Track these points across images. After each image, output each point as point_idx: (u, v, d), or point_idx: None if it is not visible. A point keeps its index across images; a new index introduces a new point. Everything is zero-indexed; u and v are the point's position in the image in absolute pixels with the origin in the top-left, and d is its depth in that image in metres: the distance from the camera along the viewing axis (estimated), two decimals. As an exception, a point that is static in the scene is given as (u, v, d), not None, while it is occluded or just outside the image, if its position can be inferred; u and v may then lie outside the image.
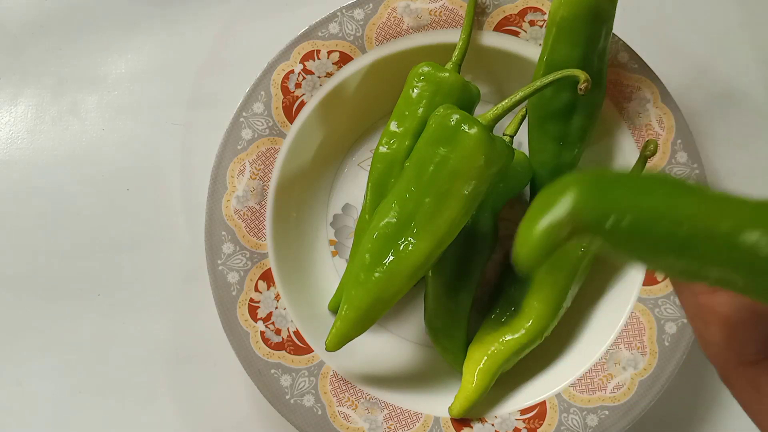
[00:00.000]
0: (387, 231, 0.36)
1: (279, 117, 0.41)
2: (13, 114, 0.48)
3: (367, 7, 0.41)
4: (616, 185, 0.14)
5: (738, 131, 0.46)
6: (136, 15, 0.49)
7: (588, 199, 0.14)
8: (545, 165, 0.41)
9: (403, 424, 0.40)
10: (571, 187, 0.14)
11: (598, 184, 0.14)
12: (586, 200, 0.14)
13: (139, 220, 0.46)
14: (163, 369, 0.45)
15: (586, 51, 0.37)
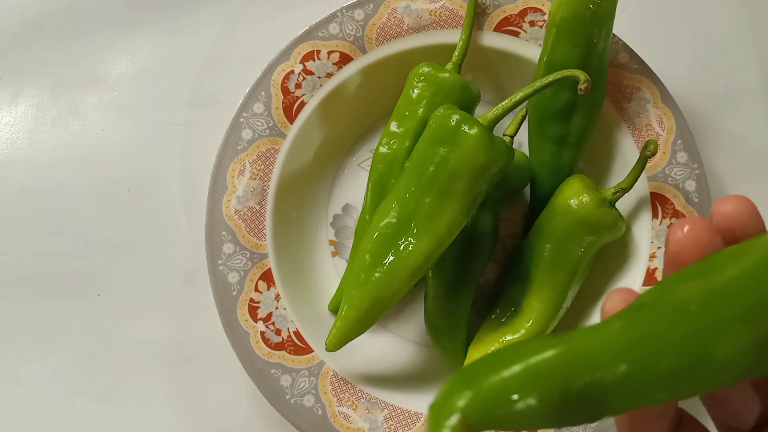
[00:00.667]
0: (387, 231, 0.36)
1: (279, 117, 0.41)
2: (13, 114, 0.48)
3: (368, 8, 0.41)
4: (479, 374, 0.16)
5: (738, 131, 0.46)
6: (136, 15, 0.49)
7: (468, 402, 0.15)
8: (545, 165, 0.41)
9: (403, 424, 0.40)
10: (453, 395, 0.16)
11: (467, 383, 0.16)
12: (468, 404, 0.15)
13: (139, 221, 0.46)
14: (163, 369, 0.45)
15: (586, 51, 0.37)
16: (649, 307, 0.18)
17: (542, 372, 0.16)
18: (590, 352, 0.17)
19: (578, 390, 0.16)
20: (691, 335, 0.17)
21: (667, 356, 0.17)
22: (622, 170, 0.40)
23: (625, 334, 0.17)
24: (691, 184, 0.40)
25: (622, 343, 0.17)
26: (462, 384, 0.16)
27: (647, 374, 0.17)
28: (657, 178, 0.40)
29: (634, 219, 0.41)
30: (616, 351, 0.17)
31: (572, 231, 0.38)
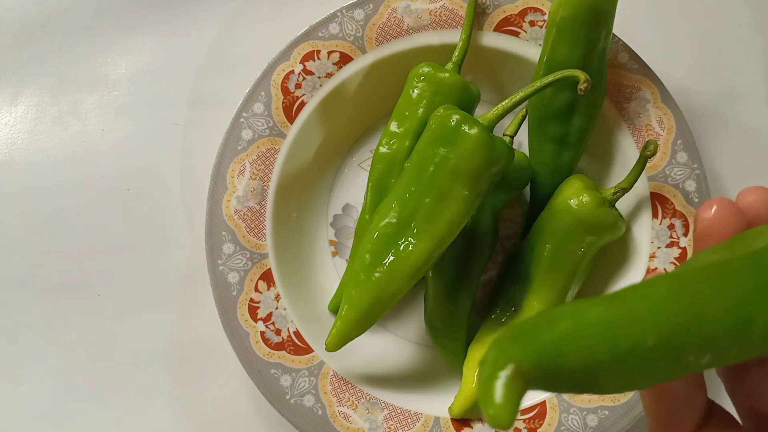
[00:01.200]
0: (387, 231, 0.36)
1: (279, 117, 0.41)
2: (13, 114, 0.48)
3: (368, 8, 0.41)
4: (531, 330, 0.16)
5: (738, 131, 0.46)
6: (137, 15, 0.49)
7: (523, 354, 0.15)
8: (545, 165, 0.41)
9: (403, 424, 0.40)
10: (506, 348, 0.16)
11: (520, 338, 0.16)
12: (522, 356, 0.15)
13: (139, 221, 0.46)
14: (163, 369, 0.45)
15: (586, 51, 0.37)
16: (690, 274, 0.18)
17: (592, 329, 0.16)
18: (637, 312, 0.17)
19: (626, 350, 0.16)
20: (731, 298, 0.17)
21: (710, 318, 0.17)
22: (622, 170, 0.40)
23: (670, 296, 0.17)
24: (691, 184, 0.40)
25: (667, 304, 0.17)
26: (515, 339, 0.16)
27: (692, 336, 0.16)
28: (657, 178, 0.40)
29: (634, 219, 0.41)
30: (661, 312, 0.17)
31: (572, 231, 0.38)
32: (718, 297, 0.17)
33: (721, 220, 0.20)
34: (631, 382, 0.17)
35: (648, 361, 0.16)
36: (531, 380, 0.15)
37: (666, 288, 0.17)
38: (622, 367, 0.16)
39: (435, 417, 0.40)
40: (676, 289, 0.17)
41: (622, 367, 0.16)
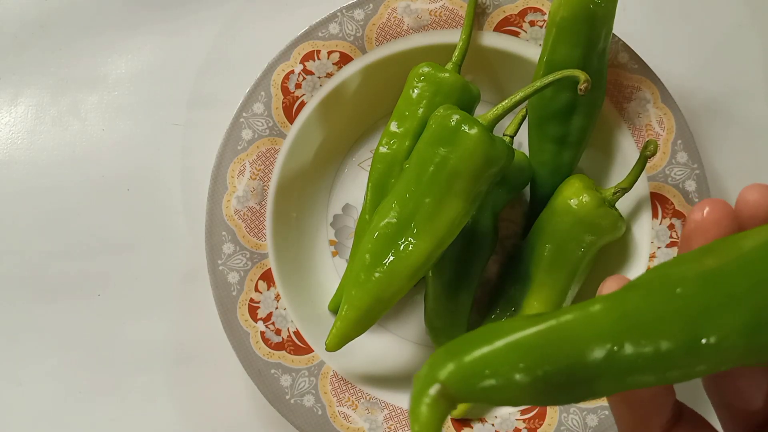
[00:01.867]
0: (387, 231, 0.36)
1: (279, 117, 0.41)
2: (13, 114, 0.48)
3: (367, 8, 0.41)
4: (462, 348, 0.17)
5: (738, 131, 0.46)
6: (137, 15, 0.49)
7: (449, 374, 0.16)
8: (545, 165, 0.41)
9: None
10: (435, 367, 0.16)
11: (450, 356, 0.16)
12: (449, 376, 0.16)
13: (139, 220, 0.46)
14: (163, 369, 0.45)
15: (586, 51, 0.37)
16: (637, 288, 0.18)
17: (524, 349, 0.16)
18: (573, 330, 0.17)
19: (559, 369, 0.16)
20: (677, 317, 0.17)
21: (652, 337, 0.17)
22: (622, 170, 0.40)
23: (609, 314, 0.17)
24: (691, 184, 0.40)
25: (606, 323, 0.17)
26: (445, 357, 0.16)
27: (631, 356, 0.17)
28: (657, 178, 0.40)
29: (634, 219, 0.41)
30: (598, 330, 0.17)
31: (572, 231, 0.38)
32: (663, 316, 0.17)
33: (710, 223, 0.20)
34: (566, 398, 0.17)
35: (583, 381, 0.17)
36: (457, 398, 0.16)
37: (607, 307, 0.17)
38: (555, 386, 0.17)
39: (435, 417, 0.40)
40: (618, 307, 0.17)
41: (554, 385, 0.17)
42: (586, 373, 0.17)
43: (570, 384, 0.17)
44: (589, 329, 0.17)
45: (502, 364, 0.16)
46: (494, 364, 0.16)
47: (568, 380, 0.17)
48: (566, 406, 0.39)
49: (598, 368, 0.17)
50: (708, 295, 0.17)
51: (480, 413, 0.40)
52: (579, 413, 0.39)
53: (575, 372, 0.16)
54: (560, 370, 0.16)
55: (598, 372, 0.17)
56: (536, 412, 0.40)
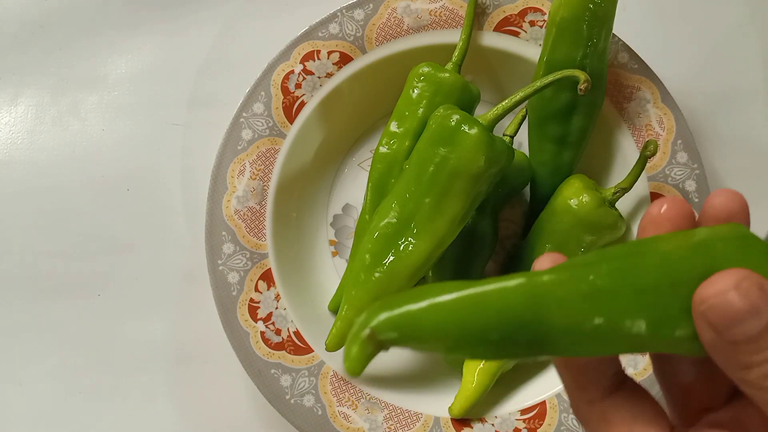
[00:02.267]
0: (387, 231, 0.36)
1: (279, 117, 0.41)
2: (13, 114, 0.48)
3: (367, 8, 0.41)
4: (397, 303, 0.20)
5: (738, 131, 0.46)
6: (137, 15, 0.49)
7: (379, 322, 0.19)
8: (545, 165, 0.41)
9: (403, 424, 0.40)
10: (369, 317, 0.19)
11: (382, 309, 0.20)
12: (378, 324, 0.19)
13: (139, 220, 0.46)
14: (163, 369, 0.45)
15: (586, 51, 0.37)
16: (555, 271, 0.20)
17: (444, 311, 0.19)
18: (488, 299, 0.20)
19: (470, 331, 0.19)
20: (579, 298, 0.20)
21: (550, 320, 0.20)
22: (622, 170, 0.40)
23: (523, 289, 0.20)
24: (691, 184, 0.40)
25: (518, 296, 0.20)
26: (380, 308, 0.20)
27: (534, 328, 0.20)
28: (657, 178, 0.40)
29: (634, 219, 0.41)
30: (510, 303, 0.20)
31: (572, 231, 0.38)
32: (563, 301, 0.20)
33: (665, 219, 0.22)
34: (467, 355, 0.20)
35: (492, 344, 0.20)
36: (383, 344, 0.19)
37: (525, 283, 0.20)
38: (468, 344, 0.20)
39: (435, 417, 0.40)
40: (526, 292, 0.20)
41: (469, 343, 0.20)
42: (493, 337, 0.19)
43: (478, 343, 0.20)
44: (501, 300, 0.20)
45: (423, 321, 0.19)
46: (417, 319, 0.19)
47: (477, 340, 0.19)
48: (566, 405, 0.39)
49: (504, 335, 0.19)
50: (615, 285, 0.20)
51: (480, 413, 0.40)
52: (579, 413, 0.39)
53: (484, 336, 0.19)
54: (471, 333, 0.19)
55: (503, 338, 0.19)
56: (536, 412, 0.40)
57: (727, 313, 0.19)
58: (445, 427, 0.40)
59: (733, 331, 0.19)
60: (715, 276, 0.19)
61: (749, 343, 0.19)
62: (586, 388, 0.23)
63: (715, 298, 0.19)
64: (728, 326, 0.19)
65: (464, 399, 0.39)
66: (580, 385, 0.23)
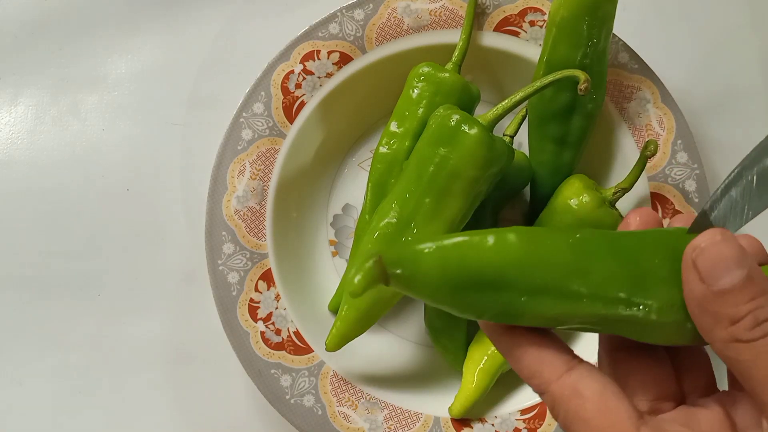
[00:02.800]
0: (387, 231, 0.36)
1: (279, 117, 0.41)
2: (13, 114, 0.48)
3: (367, 8, 0.41)
4: (406, 243, 0.22)
5: (738, 131, 0.46)
6: (137, 15, 0.49)
7: (386, 254, 0.21)
8: (545, 165, 0.41)
9: (403, 424, 0.40)
10: (381, 248, 0.22)
11: (399, 245, 0.22)
12: (385, 255, 0.21)
13: (139, 220, 0.46)
14: (162, 369, 0.45)
15: (586, 51, 0.37)
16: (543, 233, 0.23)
17: (442, 253, 0.21)
18: (479, 248, 0.22)
19: (461, 275, 0.21)
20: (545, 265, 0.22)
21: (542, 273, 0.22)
22: (622, 170, 0.40)
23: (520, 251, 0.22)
24: (691, 184, 0.40)
25: (511, 258, 0.22)
26: (388, 245, 0.23)
27: (512, 281, 0.22)
28: (657, 178, 0.40)
29: (634, 219, 0.41)
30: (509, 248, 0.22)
31: (572, 231, 0.38)
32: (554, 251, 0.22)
33: (637, 226, 0.25)
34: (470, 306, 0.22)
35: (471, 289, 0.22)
36: (387, 277, 0.21)
37: (517, 245, 0.22)
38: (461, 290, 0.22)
39: (435, 417, 0.40)
40: (524, 245, 0.22)
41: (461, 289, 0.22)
42: (487, 278, 0.22)
43: (471, 287, 0.22)
44: (499, 242, 0.22)
45: (425, 260, 0.21)
46: (420, 256, 0.21)
47: (469, 284, 0.22)
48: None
49: (498, 277, 0.22)
50: (575, 258, 0.22)
51: (480, 413, 0.40)
52: (579, 413, 0.39)
53: (475, 280, 0.22)
54: (461, 276, 0.21)
55: (497, 280, 0.22)
56: (536, 412, 0.40)
57: (717, 258, 0.21)
58: (445, 427, 0.40)
59: (721, 280, 0.21)
60: (706, 231, 0.22)
61: (735, 293, 0.21)
62: (546, 361, 0.23)
63: (706, 244, 0.21)
64: (717, 274, 0.21)
65: (464, 399, 0.39)
66: (542, 360, 0.23)
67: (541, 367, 0.23)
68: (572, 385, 0.22)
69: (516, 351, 0.23)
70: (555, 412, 0.23)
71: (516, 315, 0.22)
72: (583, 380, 0.22)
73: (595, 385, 0.22)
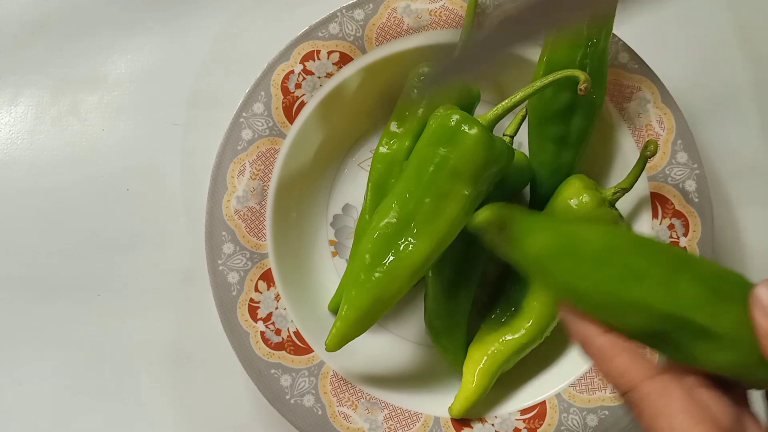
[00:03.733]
0: (387, 231, 0.36)
1: (279, 117, 0.41)
2: (13, 114, 0.48)
3: (367, 8, 0.41)
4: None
5: (738, 131, 0.46)
6: (137, 15, 0.49)
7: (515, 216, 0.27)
8: (545, 165, 0.41)
9: (403, 424, 0.40)
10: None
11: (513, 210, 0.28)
12: (512, 213, 0.27)
13: (139, 220, 0.46)
14: (163, 369, 0.45)
15: (586, 51, 0.37)
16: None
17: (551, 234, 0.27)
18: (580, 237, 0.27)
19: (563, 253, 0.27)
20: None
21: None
22: (622, 170, 0.40)
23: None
24: (691, 184, 0.40)
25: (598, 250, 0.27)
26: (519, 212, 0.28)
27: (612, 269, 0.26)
28: (657, 178, 0.40)
29: (634, 219, 0.41)
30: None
31: (572, 231, 0.38)
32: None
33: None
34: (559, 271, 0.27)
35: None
36: (504, 229, 0.26)
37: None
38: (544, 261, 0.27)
39: (435, 417, 0.40)
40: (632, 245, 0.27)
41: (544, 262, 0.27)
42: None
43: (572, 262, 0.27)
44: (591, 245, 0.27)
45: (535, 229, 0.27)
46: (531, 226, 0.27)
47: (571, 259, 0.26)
48: (566, 405, 0.39)
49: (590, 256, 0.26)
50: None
51: (480, 413, 0.40)
52: (579, 413, 0.39)
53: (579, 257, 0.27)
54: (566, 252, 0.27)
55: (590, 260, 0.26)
56: (536, 412, 0.40)
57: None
58: (445, 427, 0.40)
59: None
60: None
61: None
62: (641, 362, 0.25)
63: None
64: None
65: (464, 399, 0.39)
66: (636, 361, 0.25)
67: (632, 368, 0.25)
68: (662, 384, 0.24)
69: (609, 351, 0.25)
70: (639, 408, 0.25)
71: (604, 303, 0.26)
72: (672, 382, 0.24)
73: (682, 388, 0.24)
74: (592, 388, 0.39)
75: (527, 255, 0.27)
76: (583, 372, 0.40)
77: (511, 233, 0.26)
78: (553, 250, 0.26)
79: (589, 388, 0.39)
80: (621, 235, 0.27)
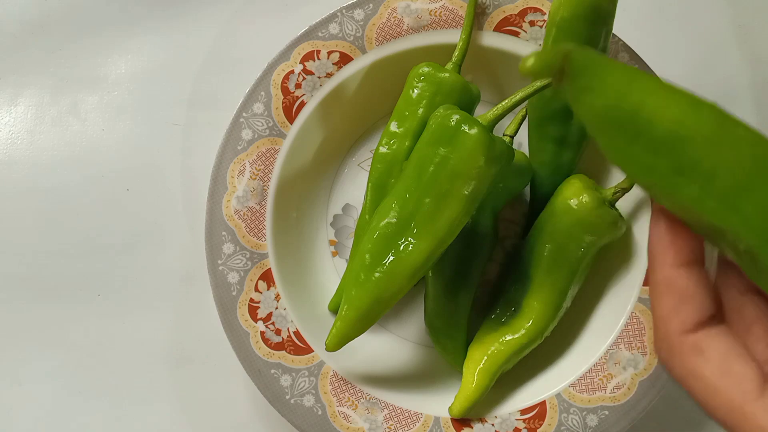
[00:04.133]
0: (387, 231, 0.36)
1: (279, 117, 0.41)
2: (13, 114, 0.48)
3: (367, 8, 0.41)
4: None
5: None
6: (137, 15, 0.49)
7: (575, 61, 0.21)
8: (545, 165, 0.41)
9: (403, 424, 0.40)
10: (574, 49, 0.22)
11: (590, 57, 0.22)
12: (576, 62, 0.21)
13: (139, 220, 0.46)
14: (163, 369, 0.45)
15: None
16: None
17: (630, 90, 0.22)
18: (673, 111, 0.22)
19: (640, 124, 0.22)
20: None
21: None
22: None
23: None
24: (691, 184, 0.40)
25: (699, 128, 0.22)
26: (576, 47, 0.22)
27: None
28: (657, 178, 0.40)
29: (634, 219, 0.41)
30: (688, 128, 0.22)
31: (572, 231, 0.38)
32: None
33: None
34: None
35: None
36: (563, 76, 0.21)
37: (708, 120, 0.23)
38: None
39: (435, 417, 0.40)
40: (715, 125, 0.23)
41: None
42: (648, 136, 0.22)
43: (636, 136, 0.22)
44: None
45: (609, 83, 0.22)
46: (606, 80, 0.22)
47: (635, 132, 0.22)
48: (566, 405, 0.39)
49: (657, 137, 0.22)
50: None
51: (480, 413, 0.40)
52: (579, 413, 0.39)
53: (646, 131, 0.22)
54: (632, 119, 0.22)
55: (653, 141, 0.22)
56: (536, 412, 0.40)
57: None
58: (445, 427, 0.40)
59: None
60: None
61: None
62: (682, 313, 0.23)
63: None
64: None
65: (464, 399, 0.39)
66: (680, 314, 0.23)
67: (674, 315, 0.23)
68: (695, 342, 0.23)
69: (659, 287, 0.24)
70: (670, 364, 0.23)
71: (659, 185, 0.22)
72: (707, 339, 0.23)
73: (720, 346, 0.22)
74: (592, 388, 0.39)
75: (583, 114, 0.23)
76: (583, 372, 0.40)
77: (571, 83, 0.21)
78: (610, 119, 0.22)
79: (589, 388, 0.39)
80: (701, 118, 0.22)
